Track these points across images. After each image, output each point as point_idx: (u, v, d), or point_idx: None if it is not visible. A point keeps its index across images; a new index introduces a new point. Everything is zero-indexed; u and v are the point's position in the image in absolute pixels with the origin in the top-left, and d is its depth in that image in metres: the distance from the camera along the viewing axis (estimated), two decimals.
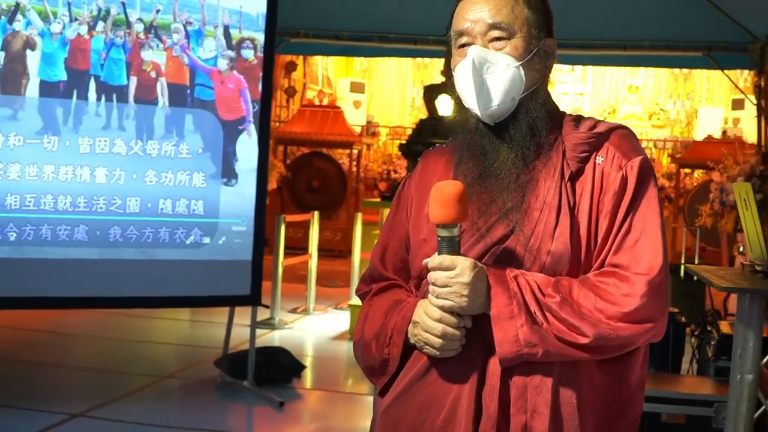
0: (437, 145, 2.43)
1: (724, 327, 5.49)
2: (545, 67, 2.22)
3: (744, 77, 15.67)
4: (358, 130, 17.11)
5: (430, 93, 9.23)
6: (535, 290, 2.05)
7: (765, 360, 3.91)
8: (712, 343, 5.36)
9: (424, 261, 2.12)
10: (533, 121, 2.16)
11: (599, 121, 2.23)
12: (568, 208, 2.10)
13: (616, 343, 2.04)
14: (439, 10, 10.19)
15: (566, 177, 2.14)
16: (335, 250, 14.95)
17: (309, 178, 15.61)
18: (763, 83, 10.67)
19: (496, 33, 2.14)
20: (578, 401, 2.07)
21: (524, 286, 2.05)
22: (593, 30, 10.72)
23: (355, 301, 9.13)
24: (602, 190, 2.12)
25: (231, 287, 6.31)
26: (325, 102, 17.68)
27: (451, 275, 2.04)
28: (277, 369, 6.77)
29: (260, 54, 6.36)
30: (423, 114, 19.47)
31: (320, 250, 10.86)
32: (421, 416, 2.15)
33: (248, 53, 6.33)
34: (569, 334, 2.02)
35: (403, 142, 9.82)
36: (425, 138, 9.07)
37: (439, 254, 2.07)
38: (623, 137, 2.19)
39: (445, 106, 9.08)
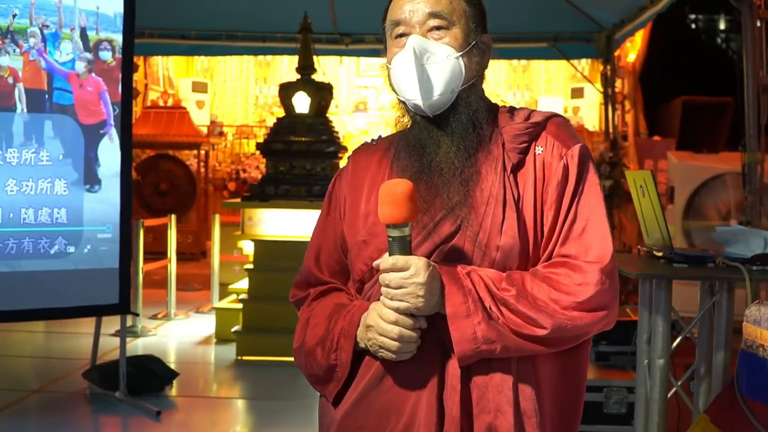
0: (369, 142, 2.40)
1: None
2: (483, 62, 2.21)
3: (582, 66, 16.17)
4: (203, 130, 16.91)
5: (286, 91, 9.19)
6: (489, 285, 2.04)
7: (675, 344, 4.05)
8: None
9: (375, 263, 2.08)
10: (473, 113, 2.15)
11: (533, 111, 2.22)
12: (514, 201, 2.10)
13: (573, 333, 2.05)
14: (287, 7, 10.16)
15: (508, 169, 2.13)
16: (186, 253, 14.73)
17: (157, 180, 15.34)
18: (609, 72, 11.05)
19: (435, 22, 2.13)
20: (537, 396, 2.09)
21: (478, 282, 2.04)
22: None
23: (219, 304, 9.03)
24: (545, 180, 2.13)
25: (99, 296, 6.14)
26: (170, 103, 17.40)
27: (405, 276, 2.00)
28: (149, 378, 6.65)
29: (119, 55, 6.23)
30: (267, 112, 19.52)
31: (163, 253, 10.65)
32: (380, 424, 2.11)
33: (106, 55, 6.19)
34: (527, 327, 2.02)
35: (260, 141, 9.76)
36: (283, 136, 9.06)
37: (390, 255, 2.03)
38: (560, 126, 2.20)
39: (301, 103, 9.07)
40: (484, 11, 2.24)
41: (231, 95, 20.03)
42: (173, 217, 10.13)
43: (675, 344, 4.03)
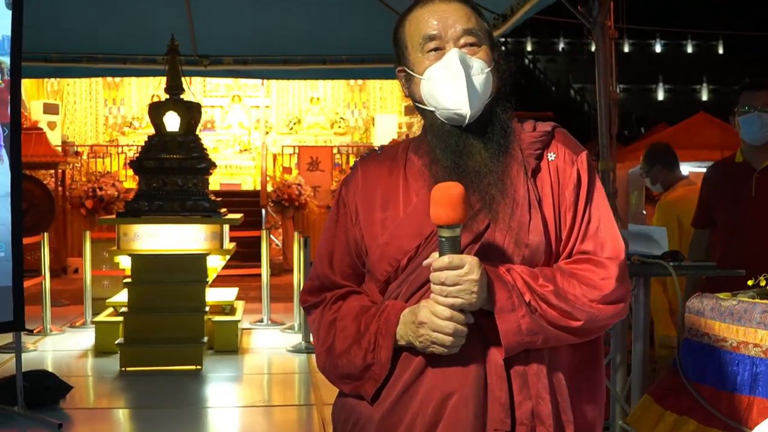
0: (373, 151, 2.37)
1: None
2: (498, 77, 2.21)
3: None
4: (58, 150, 16.38)
5: (157, 110, 8.99)
6: (528, 281, 2.07)
7: None
8: None
9: (426, 262, 2.06)
10: (504, 122, 2.17)
11: (536, 122, 2.26)
12: (537, 203, 2.14)
13: (600, 324, 2.12)
14: (147, 29, 9.85)
15: (529, 174, 2.16)
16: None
17: None
18: None
19: (470, 39, 2.14)
20: (566, 380, 2.14)
21: (517, 278, 2.07)
22: (295, 47, 10.86)
23: (99, 318, 8.72)
24: (560, 184, 2.17)
25: None
26: (26, 125, 16.78)
27: (461, 273, 2.00)
28: (45, 392, 6.36)
29: (7, 77, 5.98)
30: (118, 132, 19.12)
31: (35, 270, 10.21)
32: (419, 416, 2.09)
33: None
34: (563, 320, 2.07)
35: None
36: (155, 154, 8.87)
37: (441, 254, 2.02)
38: (565, 134, 2.26)
39: (172, 122, 8.89)
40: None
41: (81, 116, 19.51)
42: (46, 235, 9.73)
43: None
